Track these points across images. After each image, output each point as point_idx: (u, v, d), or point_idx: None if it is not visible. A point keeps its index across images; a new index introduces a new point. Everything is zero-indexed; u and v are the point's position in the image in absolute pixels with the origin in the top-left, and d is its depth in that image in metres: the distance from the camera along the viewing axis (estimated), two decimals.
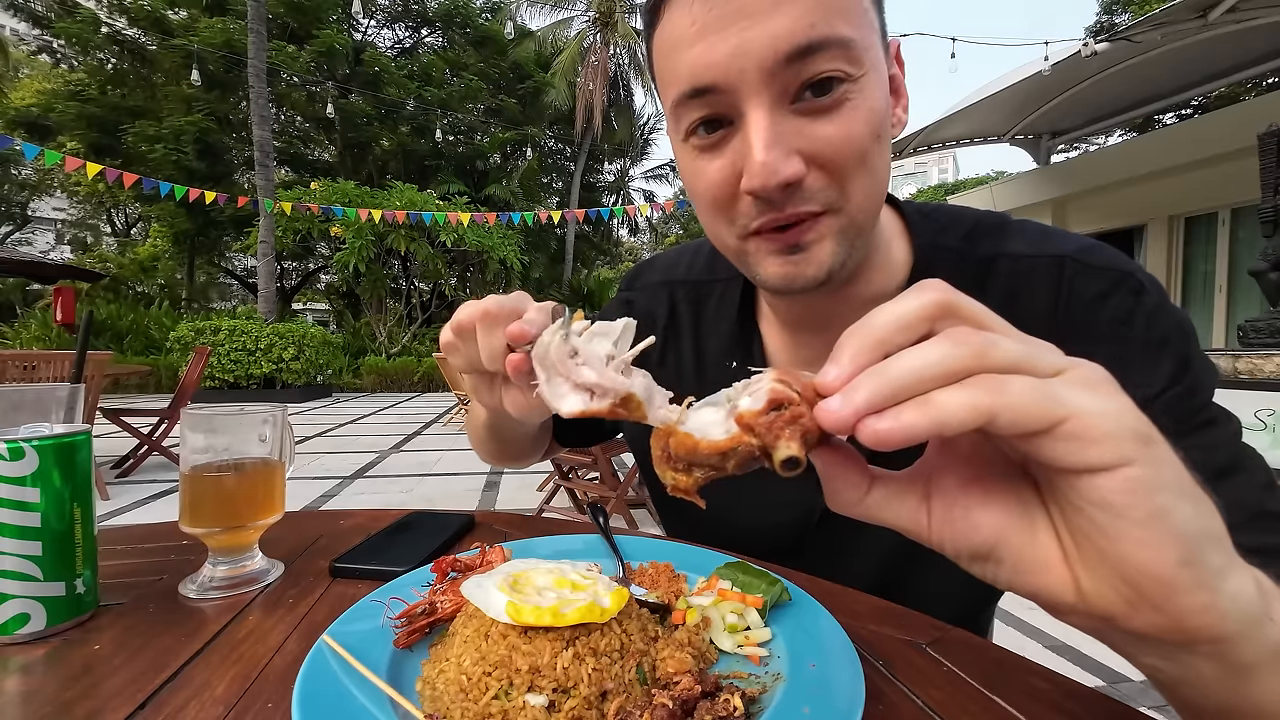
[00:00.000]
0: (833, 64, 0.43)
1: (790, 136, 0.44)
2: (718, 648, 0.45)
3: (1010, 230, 0.58)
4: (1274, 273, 3.89)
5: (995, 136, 11.25)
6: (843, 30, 0.43)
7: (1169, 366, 0.49)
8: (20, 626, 0.47)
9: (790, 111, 0.44)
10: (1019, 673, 0.43)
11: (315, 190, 13.07)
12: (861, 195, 0.47)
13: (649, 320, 0.74)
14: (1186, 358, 0.49)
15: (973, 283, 0.54)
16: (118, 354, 10.75)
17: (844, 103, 0.44)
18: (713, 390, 0.31)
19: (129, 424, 4.34)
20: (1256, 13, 6.57)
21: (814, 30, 0.42)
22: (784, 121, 0.44)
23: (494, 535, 0.72)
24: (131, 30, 16.41)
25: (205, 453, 0.57)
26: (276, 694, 0.39)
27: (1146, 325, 0.50)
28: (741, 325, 0.67)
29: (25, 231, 24.27)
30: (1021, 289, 0.54)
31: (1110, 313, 0.51)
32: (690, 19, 0.44)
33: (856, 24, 0.44)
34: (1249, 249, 7.98)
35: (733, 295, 0.68)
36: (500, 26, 19.59)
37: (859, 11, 0.44)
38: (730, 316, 0.68)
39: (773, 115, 0.44)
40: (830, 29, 0.42)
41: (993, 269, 0.55)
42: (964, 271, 0.56)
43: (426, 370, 12.23)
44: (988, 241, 0.57)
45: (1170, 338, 0.50)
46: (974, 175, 38.26)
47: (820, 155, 0.45)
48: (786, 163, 0.44)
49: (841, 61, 0.43)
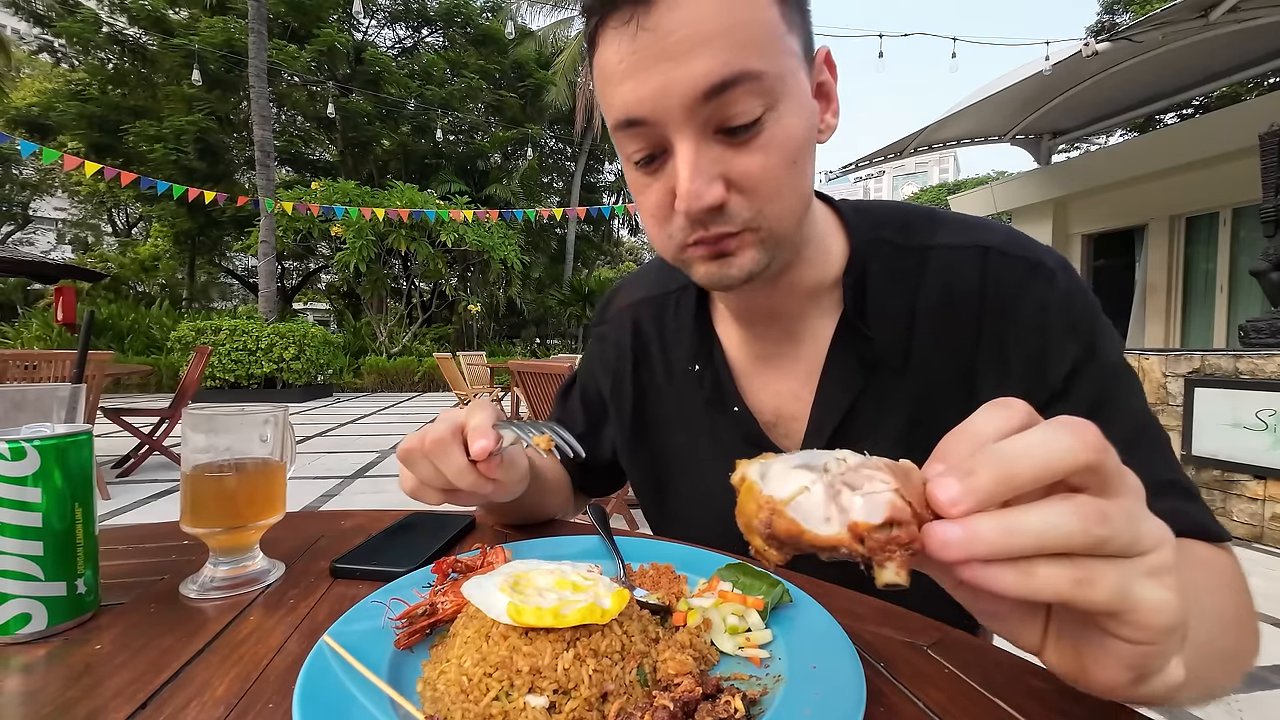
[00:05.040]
0: (748, 96, 0.46)
1: (712, 164, 0.48)
2: (719, 649, 0.45)
3: (940, 222, 0.63)
4: (1275, 273, 3.88)
5: (996, 136, 11.23)
6: (755, 65, 0.46)
7: (1076, 349, 0.54)
8: (21, 626, 0.47)
9: (714, 140, 0.49)
10: (1019, 674, 0.43)
11: (316, 190, 13.07)
12: (779, 212, 0.52)
13: (620, 346, 0.79)
14: (1093, 338, 0.55)
15: (912, 272, 0.60)
16: (119, 354, 10.76)
17: (762, 131, 0.48)
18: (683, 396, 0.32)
19: (130, 424, 4.34)
20: (1258, 12, 6.56)
21: (728, 68, 0.45)
22: (708, 150, 0.48)
23: (494, 536, 0.72)
24: (132, 30, 16.42)
25: (206, 452, 0.57)
26: (277, 694, 0.39)
27: (1060, 312, 0.55)
28: (699, 329, 0.71)
29: (26, 231, 24.28)
30: (954, 278, 0.59)
31: (1030, 301, 0.56)
32: (619, 57, 0.47)
33: (770, 58, 0.47)
34: (1250, 249, 7.96)
35: (688, 302, 0.73)
36: (501, 26, 19.59)
37: (772, 44, 0.47)
38: (688, 323, 0.72)
39: (697, 146, 0.48)
40: (743, 65, 0.45)
41: (927, 259, 0.60)
42: (902, 261, 0.61)
43: (427, 370, 12.23)
44: (921, 234, 0.61)
45: (1079, 322, 0.55)
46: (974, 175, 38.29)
47: (741, 182, 0.49)
48: (709, 189, 0.48)
49: (756, 94, 0.47)
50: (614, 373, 0.80)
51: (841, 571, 0.61)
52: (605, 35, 0.49)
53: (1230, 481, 3.43)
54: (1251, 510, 3.32)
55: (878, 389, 0.60)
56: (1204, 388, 3.55)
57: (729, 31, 0.45)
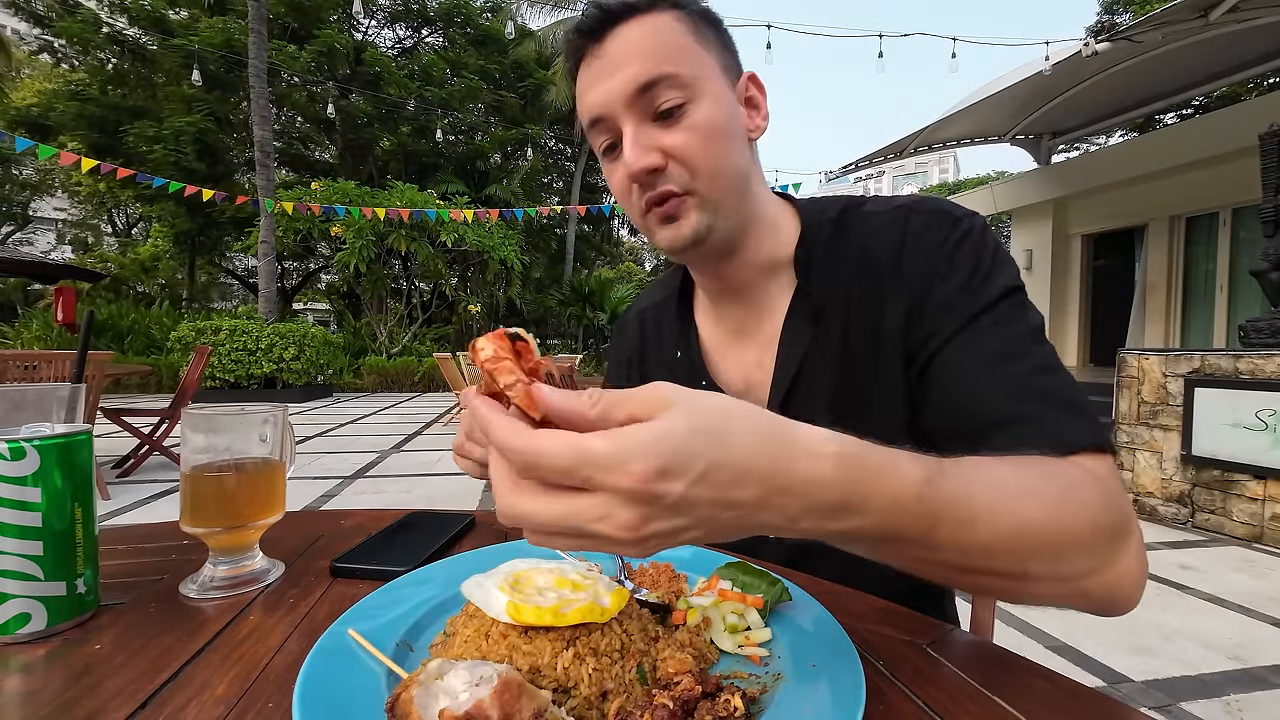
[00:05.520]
0: (670, 89, 0.62)
1: (647, 140, 0.63)
2: (718, 648, 0.45)
3: (871, 200, 0.73)
4: (1275, 273, 3.88)
5: (996, 136, 11.23)
6: (670, 69, 0.62)
7: (961, 276, 0.62)
8: (21, 626, 0.47)
9: (651, 125, 0.64)
10: (1019, 673, 0.43)
11: (316, 190, 13.07)
12: (709, 178, 0.64)
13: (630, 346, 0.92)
14: (975, 268, 0.62)
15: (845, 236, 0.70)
16: (118, 354, 10.76)
17: (683, 115, 0.63)
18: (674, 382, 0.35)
19: (130, 424, 4.34)
20: (1257, 12, 6.56)
21: (651, 71, 0.61)
22: (645, 132, 0.63)
23: (494, 535, 0.72)
24: (132, 30, 16.41)
25: (206, 452, 0.57)
26: (277, 694, 0.39)
27: (954, 246, 0.63)
28: (680, 319, 0.83)
29: (26, 231, 24.27)
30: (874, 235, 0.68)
31: (929, 239, 0.65)
32: (586, 77, 0.66)
33: (684, 65, 0.62)
34: (1250, 249, 7.96)
35: (673, 300, 0.85)
36: (501, 26, 19.56)
37: (685, 56, 0.63)
38: (672, 317, 0.84)
39: (636, 128, 0.63)
40: (662, 69, 0.61)
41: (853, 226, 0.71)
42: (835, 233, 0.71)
43: (427, 370, 12.23)
44: (853, 210, 0.72)
45: (968, 255, 0.63)
46: (974, 175, 38.28)
47: (672, 151, 0.63)
48: (646, 156, 0.63)
49: (675, 87, 0.62)
50: (626, 372, 0.92)
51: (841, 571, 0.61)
52: (580, 66, 0.67)
53: (1230, 481, 3.43)
54: (1251, 510, 3.32)
55: (820, 341, 0.69)
56: (1204, 388, 3.55)
57: (654, 48, 0.62)
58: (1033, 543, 0.41)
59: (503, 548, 0.62)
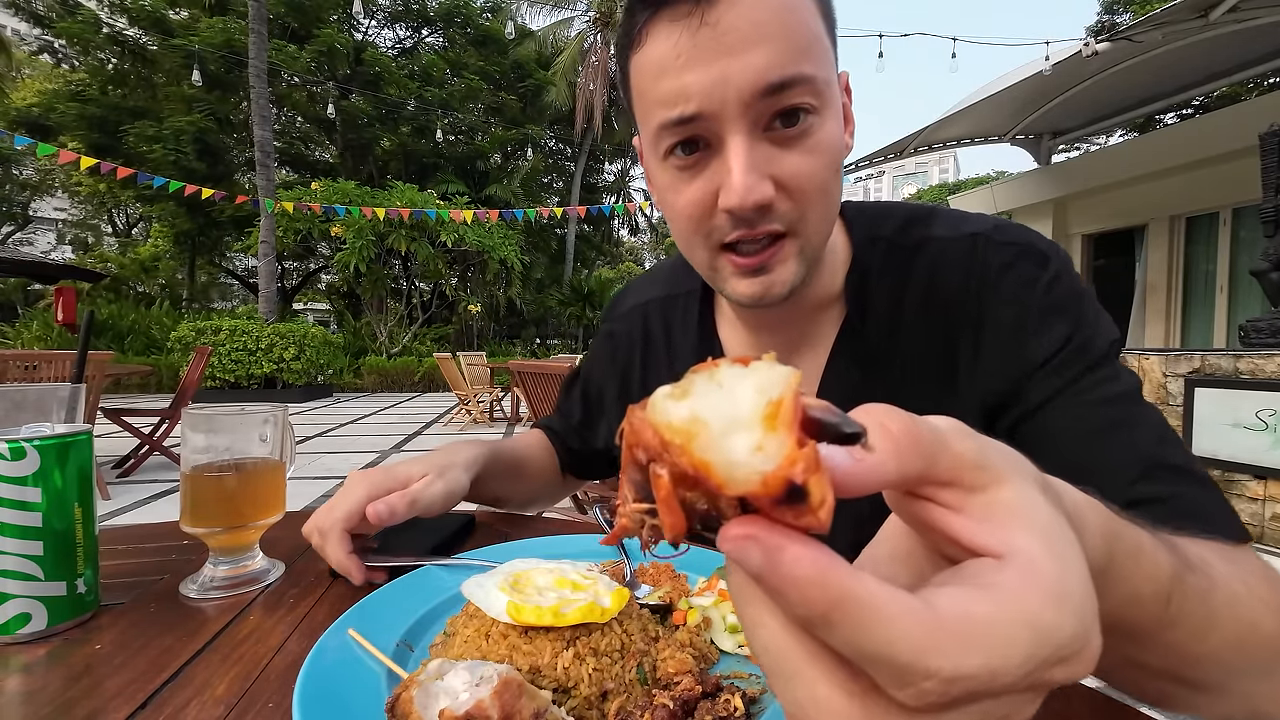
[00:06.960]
0: (801, 98, 0.48)
1: (764, 162, 0.49)
2: (718, 648, 0.45)
3: (936, 217, 0.62)
4: (1275, 273, 3.88)
5: (996, 136, 11.23)
6: (809, 69, 0.48)
7: (1063, 329, 0.53)
8: (22, 626, 0.47)
9: (763, 139, 0.49)
10: None
11: (316, 190, 13.07)
12: (818, 219, 0.52)
13: (629, 344, 0.81)
14: (1079, 319, 0.53)
15: (904, 266, 0.59)
16: (119, 354, 10.75)
17: (808, 134, 0.49)
18: None
19: (130, 424, 4.34)
20: (1258, 12, 6.55)
21: (786, 69, 0.47)
22: (759, 148, 0.49)
23: (494, 535, 0.72)
24: (132, 30, 16.42)
25: (206, 452, 0.57)
26: (277, 694, 0.39)
27: (1045, 291, 0.54)
28: (702, 332, 0.72)
29: (27, 232, 24.27)
30: (943, 265, 0.58)
31: (1014, 279, 0.55)
32: (676, 50, 0.48)
33: (820, 63, 0.49)
34: (1250, 249, 7.96)
35: (693, 306, 0.74)
36: (501, 26, 19.59)
37: (822, 52, 0.49)
38: (693, 325, 0.73)
39: (750, 141, 0.48)
40: (799, 68, 0.47)
41: (920, 253, 0.60)
42: (895, 258, 0.60)
43: (427, 370, 12.23)
44: (917, 230, 0.61)
45: (1067, 304, 0.54)
46: (974, 175, 38.29)
47: (788, 183, 0.50)
48: (761, 185, 0.48)
49: (809, 96, 0.48)
50: (621, 369, 0.82)
51: None
52: (656, 29, 0.49)
53: (1230, 481, 3.43)
54: (1251, 510, 3.32)
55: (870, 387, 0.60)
56: (1204, 388, 3.55)
57: (786, 35, 0.47)
58: (1255, 654, 0.34)
59: (503, 547, 0.62)
